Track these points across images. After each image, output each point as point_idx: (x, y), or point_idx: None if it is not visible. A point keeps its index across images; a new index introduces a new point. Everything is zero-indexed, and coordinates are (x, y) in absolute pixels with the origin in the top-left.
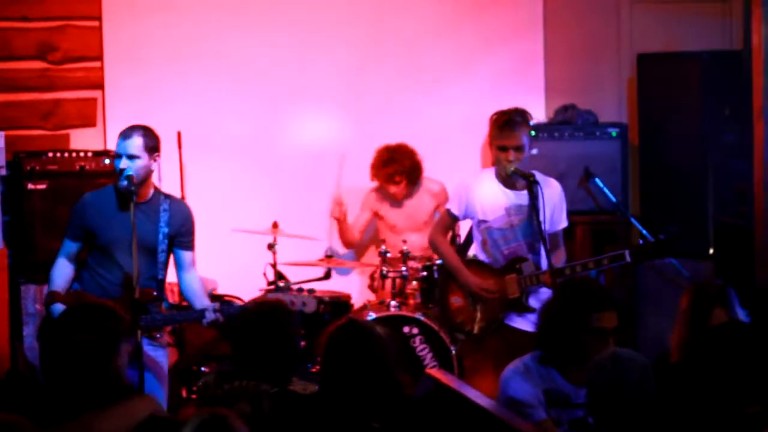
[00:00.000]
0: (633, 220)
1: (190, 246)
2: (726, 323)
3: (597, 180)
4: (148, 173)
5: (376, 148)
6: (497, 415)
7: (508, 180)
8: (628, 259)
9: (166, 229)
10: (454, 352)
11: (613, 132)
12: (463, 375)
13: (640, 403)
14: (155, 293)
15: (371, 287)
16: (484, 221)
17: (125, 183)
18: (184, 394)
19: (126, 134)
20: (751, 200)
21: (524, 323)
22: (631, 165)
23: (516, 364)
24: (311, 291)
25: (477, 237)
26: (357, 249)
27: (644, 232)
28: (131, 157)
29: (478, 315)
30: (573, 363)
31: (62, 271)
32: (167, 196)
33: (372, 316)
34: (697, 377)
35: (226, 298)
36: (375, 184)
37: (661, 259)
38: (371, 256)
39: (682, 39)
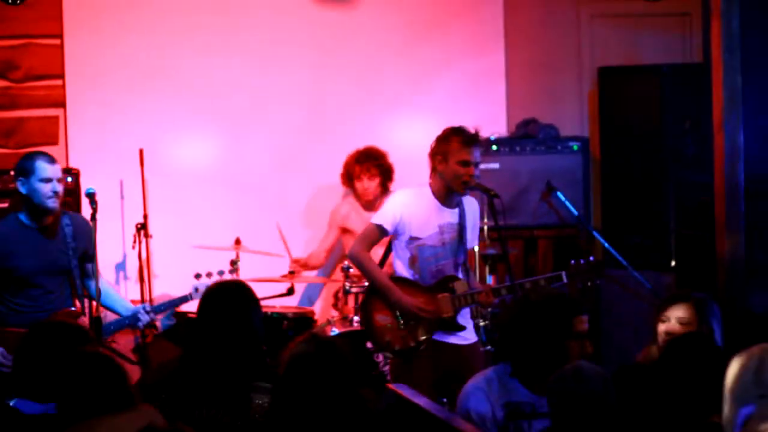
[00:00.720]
0: (595, 234)
1: (94, 257)
2: (692, 333)
3: (559, 194)
4: None
5: (349, 153)
6: (457, 428)
7: (443, 197)
8: (565, 279)
9: (73, 244)
10: None
11: (575, 146)
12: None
13: (602, 415)
14: (74, 310)
15: (335, 306)
16: (417, 238)
17: (57, 205)
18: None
19: (51, 159)
20: (712, 212)
21: (453, 338)
22: (592, 178)
23: (477, 379)
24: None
25: (403, 254)
26: (327, 268)
27: (606, 245)
28: (59, 180)
29: (407, 334)
30: (548, 371)
31: None
32: (65, 212)
33: (335, 331)
34: (662, 384)
35: (190, 315)
36: (338, 200)
37: (594, 281)
38: (338, 274)
39: (643, 52)
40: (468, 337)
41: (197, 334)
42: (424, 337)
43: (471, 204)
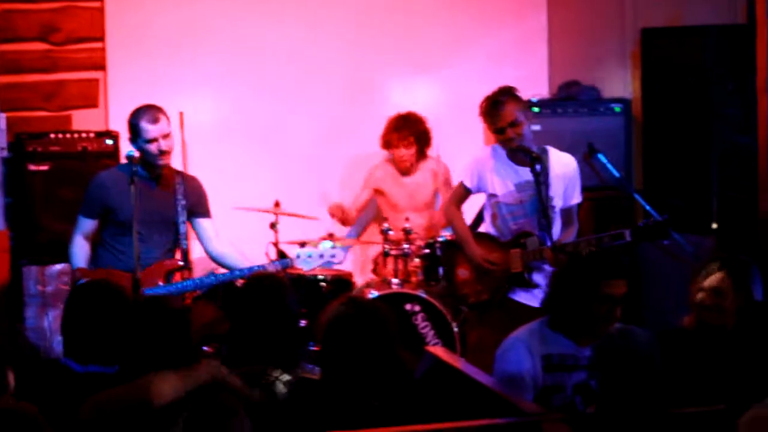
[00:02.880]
0: (636, 196)
1: (209, 213)
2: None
3: (600, 156)
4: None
5: (389, 117)
6: (498, 393)
7: (516, 156)
8: (628, 238)
9: (183, 201)
10: (456, 329)
11: (617, 108)
12: (466, 350)
13: (648, 376)
14: (180, 262)
15: (374, 271)
16: (495, 195)
17: (167, 161)
18: None
19: (154, 118)
20: (755, 175)
21: (528, 298)
22: (634, 140)
23: (518, 333)
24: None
25: (488, 211)
26: (358, 228)
27: (647, 207)
28: (166, 137)
29: (482, 288)
30: (581, 328)
31: (82, 250)
32: (178, 171)
33: (374, 294)
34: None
35: None
36: (378, 161)
37: (661, 240)
38: (372, 235)
39: (686, 13)
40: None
41: (235, 330)
42: (495, 291)
43: (564, 161)
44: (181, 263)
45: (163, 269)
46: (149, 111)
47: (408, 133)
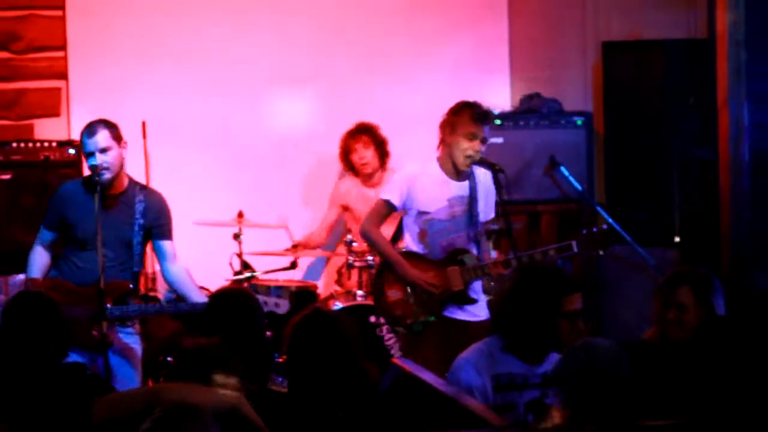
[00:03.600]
0: (598, 208)
1: (168, 235)
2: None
3: (562, 168)
4: (122, 162)
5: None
6: (463, 404)
7: (451, 170)
8: (575, 249)
9: (141, 221)
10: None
11: (579, 120)
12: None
13: (614, 389)
14: (131, 285)
15: (338, 282)
16: (426, 213)
17: (106, 176)
18: (150, 384)
19: (91, 131)
20: (715, 189)
21: (462, 314)
22: (596, 153)
23: (469, 351)
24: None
25: (413, 228)
26: (330, 246)
27: (610, 220)
28: (104, 151)
29: (418, 308)
30: (540, 346)
31: (39, 259)
32: (143, 188)
33: (338, 305)
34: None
35: None
36: (340, 178)
37: (604, 250)
38: (341, 249)
39: (646, 27)
40: (478, 313)
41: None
42: (434, 312)
43: (484, 176)
44: (131, 286)
45: (114, 291)
46: (91, 124)
47: (363, 134)
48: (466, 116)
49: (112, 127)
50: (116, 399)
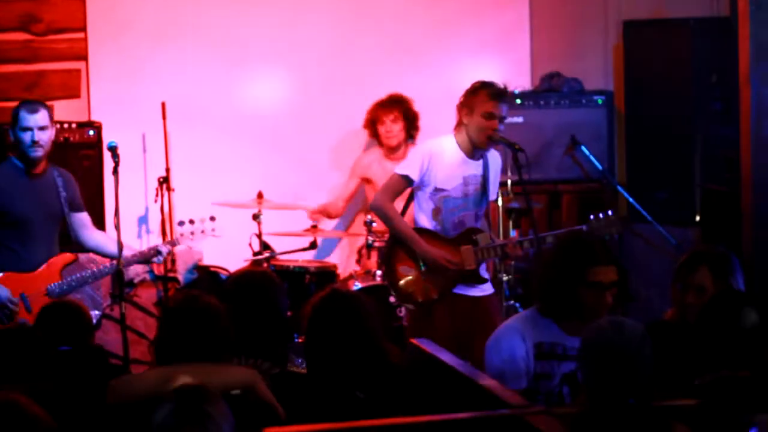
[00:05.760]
0: (619, 188)
1: (83, 206)
2: (723, 291)
3: (583, 148)
4: (51, 143)
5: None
6: (482, 385)
7: (469, 149)
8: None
9: (64, 194)
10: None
11: (599, 99)
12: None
13: (637, 369)
14: (72, 255)
15: (358, 262)
16: (443, 189)
17: (39, 153)
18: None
19: (33, 108)
20: (738, 167)
21: (471, 290)
22: (617, 132)
23: (510, 321)
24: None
25: (427, 205)
26: (346, 220)
27: (631, 200)
28: (42, 129)
29: (430, 285)
30: (569, 315)
31: None
32: (53, 165)
33: (358, 286)
34: (690, 338)
35: (212, 269)
36: (360, 150)
37: (618, 234)
38: (359, 227)
39: (669, 5)
40: (486, 288)
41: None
42: (446, 289)
43: (494, 157)
44: (73, 256)
45: (58, 264)
46: (32, 102)
47: (394, 107)
48: (483, 96)
49: (48, 108)
50: (130, 381)
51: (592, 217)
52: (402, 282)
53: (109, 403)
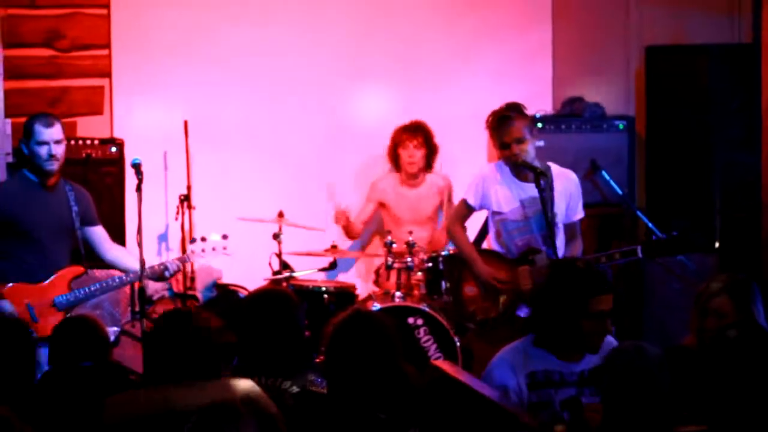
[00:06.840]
0: (639, 213)
1: (97, 220)
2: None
3: (603, 173)
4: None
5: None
6: (503, 406)
7: (520, 173)
8: (640, 255)
9: (76, 208)
10: (458, 343)
11: (621, 125)
12: (471, 366)
13: (657, 394)
14: (82, 268)
15: (376, 283)
16: (499, 213)
17: (55, 167)
18: None
19: (49, 122)
20: (757, 194)
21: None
22: (638, 158)
23: (502, 351)
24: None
25: (492, 228)
26: (362, 241)
27: (650, 225)
28: (58, 142)
29: (490, 306)
30: (569, 345)
31: None
32: (65, 179)
33: (377, 306)
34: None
35: (231, 287)
36: (382, 172)
37: (671, 257)
38: (375, 248)
39: (691, 32)
40: None
41: (244, 343)
42: (505, 309)
43: (566, 177)
44: (82, 269)
45: (67, 276)
46: (46, 115)
47: (419, 134)
48: (491, 131)
49: (61, 121)
50: (127, 400)
51: (654, 237)
52: (466, 301)
53: (105, 422)
